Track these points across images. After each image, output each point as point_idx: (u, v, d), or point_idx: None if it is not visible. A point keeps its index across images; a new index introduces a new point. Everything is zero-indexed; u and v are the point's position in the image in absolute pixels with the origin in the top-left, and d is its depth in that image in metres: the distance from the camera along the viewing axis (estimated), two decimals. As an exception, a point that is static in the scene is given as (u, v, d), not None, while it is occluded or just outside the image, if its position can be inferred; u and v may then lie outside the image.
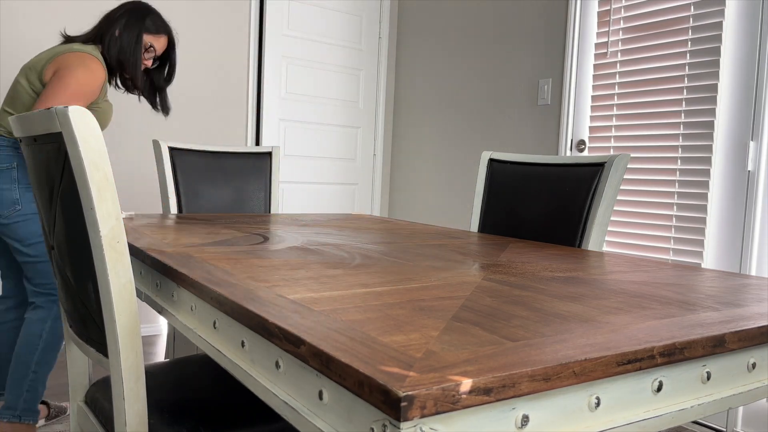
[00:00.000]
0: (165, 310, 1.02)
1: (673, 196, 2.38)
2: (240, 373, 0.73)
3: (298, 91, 3.65)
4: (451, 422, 0.50)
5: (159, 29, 2.08)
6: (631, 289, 0.92)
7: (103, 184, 0.86)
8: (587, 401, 0.59)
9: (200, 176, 2.27)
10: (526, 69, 3.07)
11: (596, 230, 1.59)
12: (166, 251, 1.11)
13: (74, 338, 1.18)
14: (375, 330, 0.63)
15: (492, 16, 3.27)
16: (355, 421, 0.53)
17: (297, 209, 3.73)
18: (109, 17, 2.03)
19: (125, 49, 2.00)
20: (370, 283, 0.89)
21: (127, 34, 2.01)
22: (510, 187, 1.86)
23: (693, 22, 2.34)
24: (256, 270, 0.95)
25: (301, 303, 0.73)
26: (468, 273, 1.01)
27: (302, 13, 3.62)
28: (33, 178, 1.12)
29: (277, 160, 2.40)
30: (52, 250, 1.14)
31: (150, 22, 2.05)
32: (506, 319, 0.69)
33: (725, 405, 0.71)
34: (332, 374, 0.54)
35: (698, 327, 0.69)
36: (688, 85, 2.35)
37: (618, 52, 2.63)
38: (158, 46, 2.09)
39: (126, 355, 0.90)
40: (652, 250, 2.44)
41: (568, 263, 1.18)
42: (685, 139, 2.36)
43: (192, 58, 3.29)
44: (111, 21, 2.02)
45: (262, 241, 1.34)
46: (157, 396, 1.15)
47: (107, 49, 2.00)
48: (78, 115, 0.85)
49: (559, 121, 2.87)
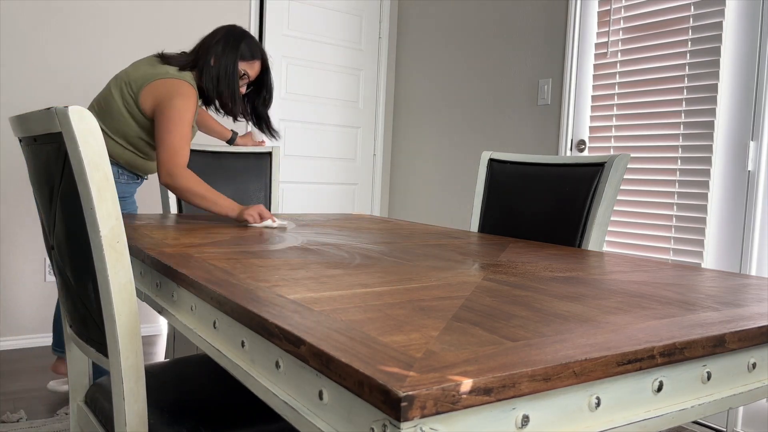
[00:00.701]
0: (165, 310, 1.02)
1: (673, 196, 2.38)
2: (240, 373, 0.73)
3: (298, 91, 3.65)
4: (452, 422, 0.50)
5: (254, 54, 2.01)
6: (631, 289, 0.92)
7: (103, 184, 0.86)
8: (587, 401, 0.59)
9: (200, 176, 2.27)
10: (526, 69, 3.07)
11: (596, 230, 1.59)
12: (166, 251, 1.11)
13: (74, 338, 1.18)
14: (375, 330, 0.63)
15: (492, 16, 3.26)
16: (355, 421, 0.53)
17: (297, 209, 3.73)
18: (205, 43, 1.99)
19: (221, 79, 1.96)
20: (370, 283, 0.89)
21: (223, 62, 1.96)
22: (510, 187, 1.86)
23: (693, 22, 2.34)
24: (256, 270, 0.95)
25: (301, 303, 0.73)
26: (468, 273, 1.01)
27: (302, 13, 3.62)
28: (33, 178, 1.12)
29: (277, 160, 2.40)
30: (52, 250, 1.14)
31: (245, 47, 1.98)
32: (506, 319, 0.69)
33: (725, 405, 0.71)
34: (332, 374, 0.54)
35: (698, 327, 0.69)
36: (688, 85, 2.35)
37: (618, 52, 2.63)
38: (252, 72, 2.03)
39: (126, 355, 0.90)
40: (652, 250, 2.44)
41: (568, 263, 1.18)
42: (685, 139, 2.36)
43: (192, 58, 3.29)
44: (206, 48, 1.97)
45: (262, 241, 1.34)
46: (157, 396, 1.15)
47: (204, 79, 1.96)
48: (78, 115, 0.85)
49: (559, 121, 2.87)
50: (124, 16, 3.09)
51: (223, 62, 1.96)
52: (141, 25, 3.14)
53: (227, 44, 1.97)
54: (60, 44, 2.94)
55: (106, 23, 3.05)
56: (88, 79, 3.02)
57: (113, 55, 3.08)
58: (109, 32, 3.06)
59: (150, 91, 1.91)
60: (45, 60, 2.91)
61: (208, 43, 1.98)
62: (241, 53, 1.98)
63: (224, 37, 1.98)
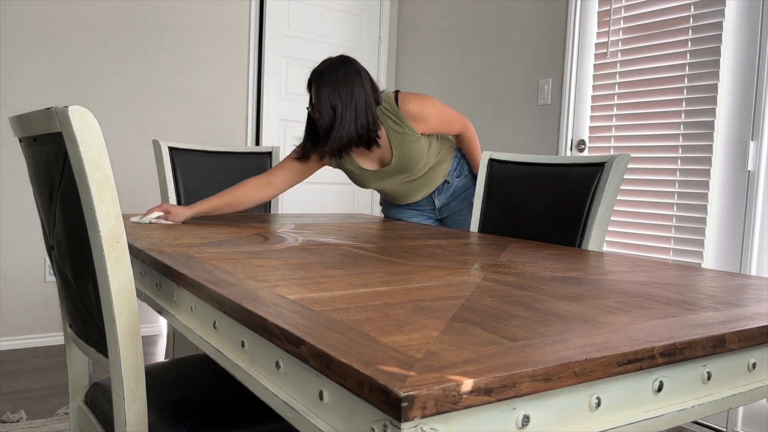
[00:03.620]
0: (165, 310, 1.02)
1: (673, 196, 2.38)
2: (240, 373, 0.73)
3: (298, 91, 3.65)
4: (452, 422, 0.50)
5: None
6: (631, 289, 0.92)
7: (103, 184, 0.86)
8: (588, 401, 0.59)
9: (200, 176, 2.27)
10: (526, 69, 3.07)
11: (596, 230, 1.59)
12: (166, 251, 1.11)
13: (74, 338, 1.18)
14: (375, 330, 0.62)
15: (492, 16, 3.26)
16: (356, 422, 0.53)
17: (297, 209, 3.73)
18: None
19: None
20: (370, 283, 0.89)
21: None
22: (510, 187, 1.86)
23: (693, 22, 2.34)
24: (256, 270, 0.95)
25: (301, 303, 0.73)
26: (468, 273, 1.01)
27: (302, 13, 3.62)
28: (33, 178, 1.12)
29: (277, 160, 2.40)
30: (52, 250, 1.14)
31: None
32: (506, 319, 0.69)
33: (725, 405, 0.71)
34: (332, 374, 0.54)
35: (698, 327, 0.69)
36: (688, 85, 2.35)
37: (618, 52, 2.63)
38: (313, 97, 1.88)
39: (126, 355, 0.90)
40: (652, 250, 2.44)
41: (568, 263, 1.18)
42: (685, 139, 2.36)
43: (192, 58, 3.29)
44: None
45: (261, 241, 1.34)
46: (157, 396, 1.15)
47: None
48: (78, 115, 0.85)
49: (559, 121, 2.87)
50: (123, 15, 3.09)
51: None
52: (141, 24, 3.14)
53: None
54: (60, 44, 2.94)
55: (106, 23, 3.04)
56: (88, 80, 3.02)
57: (113, 54, 3.08)
58: (109, 32, 3.06)
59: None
60: (45, 60, 2.91)
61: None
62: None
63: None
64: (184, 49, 3.26)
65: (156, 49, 3.18)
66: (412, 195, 2.10)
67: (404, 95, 1.93)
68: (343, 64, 1.84)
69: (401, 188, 2.07)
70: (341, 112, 1.80)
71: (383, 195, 2.18)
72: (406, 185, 2.06)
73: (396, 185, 2.06)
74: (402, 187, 2.07)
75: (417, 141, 1.93)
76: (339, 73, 1.82)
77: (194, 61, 3.29)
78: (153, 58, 3.18)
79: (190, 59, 3.28)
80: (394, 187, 2.07)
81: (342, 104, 1.80)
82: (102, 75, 3.06)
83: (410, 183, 2.06)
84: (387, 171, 1.98)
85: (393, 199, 2.15)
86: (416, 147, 1.94)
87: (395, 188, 2.08)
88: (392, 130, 1.91)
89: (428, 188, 2.09)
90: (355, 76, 1.83)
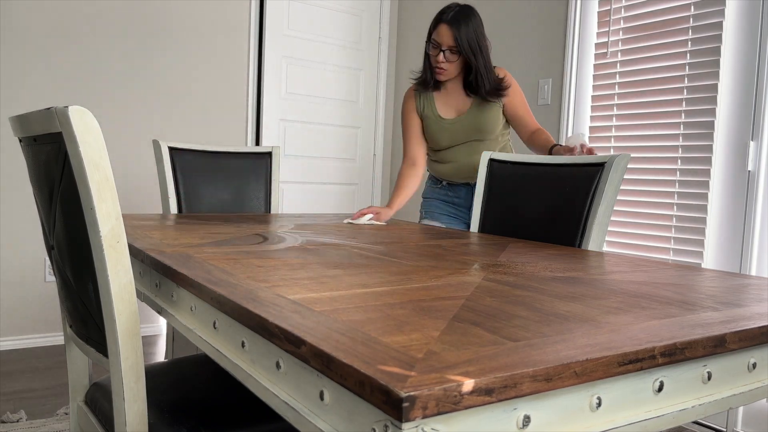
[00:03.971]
0: (165, 310, 1.02)
1: (673, 196, 2.38)
2: (240, 373, 0.73)
3: (298, 91, 3.65)
4: (453, 422, 0.50)
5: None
6: (632, 289, 0.92)
7: (103, 184, 0.86)
8: (588, 401, 0.59)
9: (200, 176, 2.27)
10: (526, 69, 3.07)
11: (596, 230, 1.59)
12: (166, 251, 1.11)
13: (74, 338, 1.18)
14: (376, 330, 0.62)
15: (492, 16, 3.26)
16: (357, 422, 0.53)
17: (297, 209, 3.73)
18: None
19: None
20: (370, 283, 0.88)
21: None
22: (510, 187, 1.86)
23: (693, 22, 2.34)
24: (256, 270, 0.95)
25: (301, 303, 0.73)
26: (468, 273, 1.01)
27: (302, 13, 3.62)
28: (33, 178, 1.12)
29: (277, 160, 2.40)
30: (52, 250, 1.14)
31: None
32: (507, 319, 0.69)
33: (726, 405, 0.71)
34: (333, 374, 0.54)
35: (699, 327, 0.69)
36: (688, 85, 2.35)
37: (618, 52, 2.63)
38: (437, 38, 2.10)
39: (126, 355, 0.90)
40: (652, 250, 2.44)
41: (568, 263, 1.18)
42: (685, 139, 2.36)
43: (192, 58, 3.29)
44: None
45: (261, 241, 1.34)
46: (157, 396, 1.15)
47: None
48: (78, 115, 0.84)
49: (559, 121, 2.87)
50: (123, 15, 3.09)
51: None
52: (141, 25, 3.13)
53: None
54: (60, 44, 2.94)
55: (107, 23, 3.04)
56: (88, 80, 3.02)
57: (113, 55, 3.08)
58: (109, 32, 3.06)
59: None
60: (45, 60, 2.91)
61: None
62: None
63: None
64: (184, 49, 3.26)
65: (156, 49, 3.18)
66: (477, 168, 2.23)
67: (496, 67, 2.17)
68: (475, 16, 2.11)
69: (472, 158, 2.19)
70: (483, 53, 2.08)
71: (452, 169, 2.26)
72: (475, 153, 2.19)
73: (466, 150, 2.19)
74: (472, 156, 2.19)
75: (495, 106, 2.14)
76: (478, 21, 2.10)
77: (194, 61, 3.29)
78: (153, 58, 3.18)
79: (190, 59, 3.28)
80: (464, 151, 2.19)
81: (482, 47, 2.08)
82: (102, 75, 3.05)
83: (477, 152, 2.19)
84: (461, 121, 2.15)
85: (457, 173, 2.25)
86: (493, 112, 2.14)
87: (465, 155, 2.20)
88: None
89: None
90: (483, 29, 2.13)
